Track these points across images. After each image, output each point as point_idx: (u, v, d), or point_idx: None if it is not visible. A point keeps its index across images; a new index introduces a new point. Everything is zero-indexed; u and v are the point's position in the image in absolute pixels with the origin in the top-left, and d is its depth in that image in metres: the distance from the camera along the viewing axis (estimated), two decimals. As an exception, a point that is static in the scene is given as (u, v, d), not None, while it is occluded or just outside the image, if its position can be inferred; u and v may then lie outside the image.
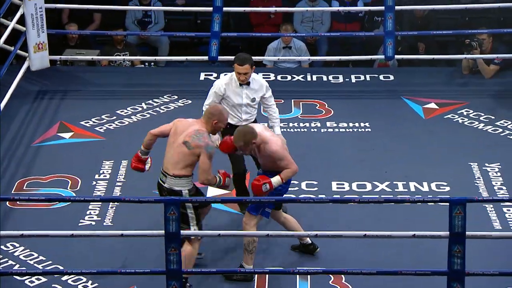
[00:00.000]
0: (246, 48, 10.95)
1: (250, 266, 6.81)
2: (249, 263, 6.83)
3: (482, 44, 9.86)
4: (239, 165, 7.50)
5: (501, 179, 8.18)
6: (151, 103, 9.62)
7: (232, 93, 7.33)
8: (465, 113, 9.39)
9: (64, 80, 10.06)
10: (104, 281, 6.81)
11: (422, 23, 11.04)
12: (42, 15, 9.72)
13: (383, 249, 7.01)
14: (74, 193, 7.96)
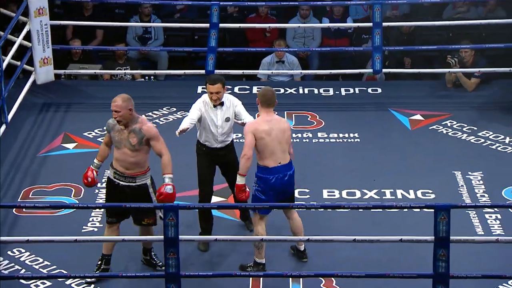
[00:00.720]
0: (241, 62, 10.96)
1: (262, 260, 6.88)
2: (259, 257, 6.89)
3: (463, 59, 9.94)
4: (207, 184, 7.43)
5: (483, 187, 8.20)
6: (151, 115, 9.62)
7: (207, 114, 7.15)
8: (449, 124, 9.41)
9: (68, 93, 10.06)
10: (106, 284, 6.82)
11: (408, 38, 11.07)
12: (47, 32, 9.74)
13: (372, 253, 7.02)
14: (78, 200, 7.99)
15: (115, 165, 6.65)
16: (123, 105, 6.51)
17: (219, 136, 7.23)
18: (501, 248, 7.03)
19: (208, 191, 7.40)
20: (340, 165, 8.63)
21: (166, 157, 6.63)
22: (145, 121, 6.67)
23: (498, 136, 9.13)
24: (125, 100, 6.55)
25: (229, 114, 7.21)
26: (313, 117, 9.61)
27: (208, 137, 7.22)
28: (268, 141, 6.79)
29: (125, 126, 6.56)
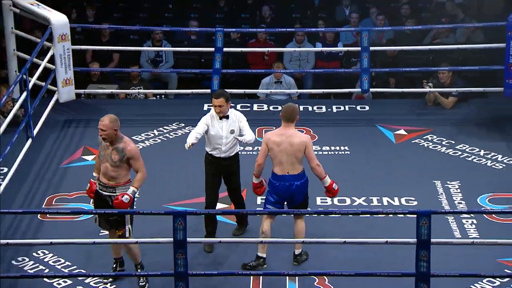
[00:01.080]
0: (243, 82, 10.97)
1: (263, 254, 6.89)
2: (261, 251, 6.91)
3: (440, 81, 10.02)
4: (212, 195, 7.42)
5: (461, 195, 8.20)
6: (162, 130, 9.63)
7: (213, 125, 7.18)
8: (430, 139, 9.41)
9: (88, 110, 10.06)
10: (121, 283, 6.81)
11: (393, 61, 11.09)
12: (69, 55, 9.75)
13: (361, 254, 7.01)
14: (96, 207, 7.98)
15: (100, 177, 6.65)
16: (109, 125, 6.48)
17: (223, 146, 7.22)
18: (476, 249, 7.01)
19: (213, 198, 7.38)
20: (332, 175, 8.55)
21: (141, 175, 6.62)
22: (129, 142, 6.63)
23: (473, 149, 9.13)
24: (112, 121, 6.51)
25: (234, 127, 7.21)
26: (307, 131, 9.56)
27: (214, 147, 7.23)
28: (277, 152, 6.86)
29: (110, 143, 6.53)
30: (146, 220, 7.26)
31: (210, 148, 7.27)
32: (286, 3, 13.57)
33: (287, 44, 11.58)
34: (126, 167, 6.57)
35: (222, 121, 7.18)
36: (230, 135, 7.20)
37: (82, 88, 10.43)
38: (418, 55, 11.18)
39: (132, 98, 10.92)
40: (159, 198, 8.06)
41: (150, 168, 8.51)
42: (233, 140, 7.23)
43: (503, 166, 8.80)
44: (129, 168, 6.62)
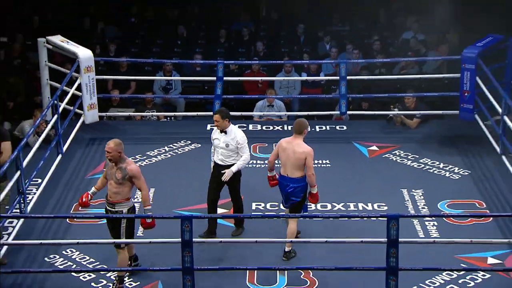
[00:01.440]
0: (240, 106, 10.97)
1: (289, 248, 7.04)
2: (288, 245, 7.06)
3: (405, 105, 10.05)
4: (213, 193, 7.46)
5: (424, 201, 8.19)
6: (172, 147, 9.60)
7: (215, 137, 7.32)
8: (398, 154, 9.39)
9: (109, 130, 10.01)
10: (137, 277, 6.80)
11: (366, 87, 11.11)
12: (93, 84, 9.75)
13: (340, 252, 6.98)
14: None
15: (107, 193, 6.64)
16: (114, 148, 6.45)
17: (220, 155, 7.31)
18: (437, 247, 7.01)
19: (213, 198, 7.43)
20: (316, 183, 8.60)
21: (144, 193, 6.59)
22: (131, 162, 6.59)
23: (434, 162, 9.12)
24: (117, 144, 6.48)
25: (230, 143, 7.26)
26: (295, 148, 9.58)
27: (216, 155, 7.34)
28: (282, 155, 7.06)
29: (115, 163, 6.50)
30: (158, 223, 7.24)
31: (213, 155, 7.42)
32: (276, 40, 13.66)
33: (277, 74, 11.62)
34: (129, 184, 6.53)
35: (222, 135, 7.28)
36: (225, 147, 7.27)
37: (104, 111, 10.41)
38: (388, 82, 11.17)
39: (146, 120, 10.89)
40: (170, 204, 8.04)
41: (161, 178, 8.60)
42: (227, 152, 7.28)
43: (459, 177, 8.79)
44: (131, 186, 6.58)
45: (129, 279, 6.76)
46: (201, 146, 9.60)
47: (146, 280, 6.73)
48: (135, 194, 8.18)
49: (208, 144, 7.86)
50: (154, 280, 6.72)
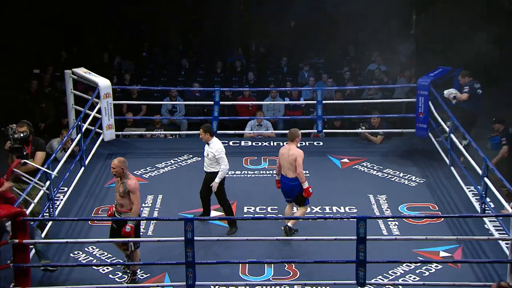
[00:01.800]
0: (233, 126, 10.96)
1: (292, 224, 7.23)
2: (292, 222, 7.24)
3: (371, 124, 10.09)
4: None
5: (387, 205, 8.19)
6: (176, 160, 9.58)
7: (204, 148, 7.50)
8: (365, 165, 9.41)
9: (124, 146, 10.01)
10: (147, 269, 6.77)
11: (339, 110, 11.14)
12: (111, 108, 9.75)
13: (318, 248, 6.98)
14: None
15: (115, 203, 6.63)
16: (118, 165, 6.44)
17: (204, 162, 7.53)
18: (398, 243, 7.00)
19: (203, 196, 7.66)
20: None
21: (135, 208, 6.48)
22: (132, 178, 6.54)
23: (395, 172, 9.14)
24: (120, 161, 6.47)
25: (210, 153, 7.45)
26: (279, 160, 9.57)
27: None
28: (281, 159, 7.37)
29: (120, 178, 6.49)
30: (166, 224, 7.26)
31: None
32: (264, 70, 13.71)
33: (265, 99, 11.63)
34: (130, 197, 6.48)
35: (206, 146, 7.49)
36: (206, 157, 7.48)
37: (120, 130, 10.39)
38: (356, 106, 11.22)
39: (155, 137, 10.88)
40: (175, 208, 8.02)
41: (168, 186, 8.59)
42: (209, 161, 7.47)
43: (416, 184, 8.81)
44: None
45: (140, 271, 6.74)
46: (201, 159, 9.38)
47: (155, 272, 6.72)
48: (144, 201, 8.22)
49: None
50: (162, 272, 6.70)
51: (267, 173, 9.21)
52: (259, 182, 8.89)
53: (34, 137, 7.45)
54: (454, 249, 7.13)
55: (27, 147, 7.31)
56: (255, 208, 8.13)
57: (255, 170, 9.30)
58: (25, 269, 6.29)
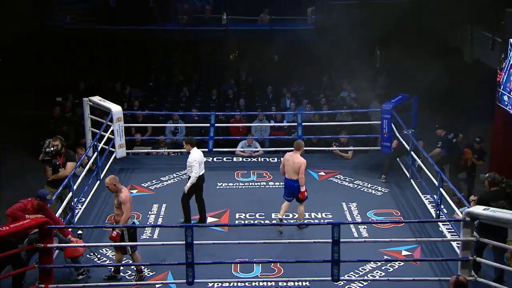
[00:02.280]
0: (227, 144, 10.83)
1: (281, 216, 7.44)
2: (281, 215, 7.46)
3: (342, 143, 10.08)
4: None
5: (357, 211, 8.19)
6: (178, 174, 9.49)
7: None
8: (338, 177, 9.39)
9: (133, 163, 9.95)
10: (153, 268, 6.73)
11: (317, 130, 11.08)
12: (122, 130, 9.72)
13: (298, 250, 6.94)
14: (138, 222, 7.79)
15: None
16: (109, 182, 6.55)
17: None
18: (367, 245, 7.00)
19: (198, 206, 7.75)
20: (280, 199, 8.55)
21: (124, 217, 6.51)
22: (125, 191, 6.59)
23: (364, 183, 9.13)
24: (111, 179, 6.58)
25: (187, 161, 7.60)
26: (266, 173, 9.55)
27: None
28: (286, 165, 7.54)
29: (115, 193, 6.56)
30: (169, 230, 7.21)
31: None
32: (252, 97, 13.73)
33: (253, 121, 11.61)
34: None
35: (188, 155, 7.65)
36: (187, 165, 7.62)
37: (130, 149, 10.32)
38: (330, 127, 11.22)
39: (160, 155, 10.84)
40: (177, 216, 7.91)
41: (171, 196, 8.49)
42: (187, 168, 7.60)
43: (381, 193, 8.81)
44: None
45: (147, 270, 6.68)
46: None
47: (160, 271, 6.68)
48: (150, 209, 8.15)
49: (205, 172, 7.85)
50: (165, 270, 6.65)
51: (255, 184, 9.17)
52: (249, 192, 8.86)
53: (66, 150, 7.85)
54: (414, 249, 7.14)
55: (60, 158, 7.75)
56: (246, 215, 8.09)
57: (245, 182, 9.28)
58: (48, 269, 6.23)
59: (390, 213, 8.12)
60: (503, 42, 9.09)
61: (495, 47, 9.23)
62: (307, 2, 13.42)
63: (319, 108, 12.23)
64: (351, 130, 10.77)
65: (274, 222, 7.59)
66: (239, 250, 6.89)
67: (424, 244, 7.20)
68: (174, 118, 11.48)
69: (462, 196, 7.60)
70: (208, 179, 7.99)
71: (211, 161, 10.04)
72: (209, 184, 8.93)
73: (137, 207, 8.18)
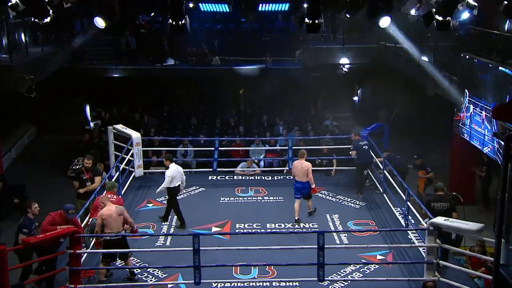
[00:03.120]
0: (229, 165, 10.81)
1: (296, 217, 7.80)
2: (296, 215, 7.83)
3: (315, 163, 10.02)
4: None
5: (339, 221, 8.18)
6: (188, 190, 9.40)
7: None
8: (323, 192, 9.34)
9: (150, 181, 9.90)
10: (164, 271, 6.70)
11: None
12: (140, 153, 9.76)
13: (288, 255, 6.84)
14: (153, 231, 7.84)
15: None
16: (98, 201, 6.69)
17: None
18: (347, 250, 7.01)
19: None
20: (274, 212, 8.60)
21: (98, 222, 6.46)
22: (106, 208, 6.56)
23: (345, 198, 9.12)
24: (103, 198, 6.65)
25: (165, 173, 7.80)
26: (262, 190, 9.52)
27: None
28: (294, 170, 7.92)
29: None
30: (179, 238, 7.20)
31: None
32: (250, 125, 13.78)
33: (251, 145, 11.62)
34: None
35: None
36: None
37: (147, 169, 10.35)
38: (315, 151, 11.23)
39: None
40: (187, 225, 7.93)
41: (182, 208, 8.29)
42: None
43: (359, 206, 8.81)
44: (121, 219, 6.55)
45: (160, 272, 6.66)
46: (205, 189, 9.53)
47: (171, 272, 6.66)
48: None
49: (210, 188, 7.88)
50: (176, 273, 6.63)
51: (253, 199, 9.17)
52: (247, 206, 8.86)
53: (94, 167, 7.98)
54: (386, 254, 7.15)
55: (87, 173, 7.92)
56: (245, 225, 8.08)
57: (244, 197, 9.30)
58: (77, 271, 6.23)
59: (367, 223, 8.12)
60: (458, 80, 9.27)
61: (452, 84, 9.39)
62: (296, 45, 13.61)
63: (307, 134, 12.28)
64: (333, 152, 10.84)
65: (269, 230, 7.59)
66: (239, 255, 6.87)
67: (395, 249, 7.22)
68: (184, 142, 11.52)
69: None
70: (212, 194, 8.03)
71: (215, 179, 10.04)
72: (213, 199, 9.01)
73: (152, 218, 8.22)
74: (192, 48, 13.93)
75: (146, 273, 6.70)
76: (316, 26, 6.75)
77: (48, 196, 9.39)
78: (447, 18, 6.51)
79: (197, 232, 7.27)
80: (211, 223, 7.90)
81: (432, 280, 6.12)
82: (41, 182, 10.63)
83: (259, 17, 13.75)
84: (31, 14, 6.37)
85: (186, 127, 13.59)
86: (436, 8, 6.57)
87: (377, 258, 7.03)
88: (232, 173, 10.57)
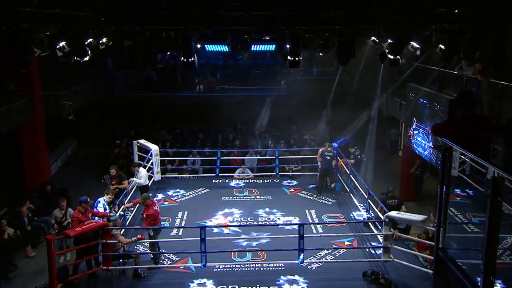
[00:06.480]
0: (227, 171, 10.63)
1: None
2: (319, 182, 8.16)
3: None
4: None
5: (315, 215, 8.14)
6: (195, 190, 9.39)
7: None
8: (303, 193, 9.32)
9: (166, 183, 9.85)
10: (177, 255, 6.63)
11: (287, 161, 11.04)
12: (158, 162, 9.65)
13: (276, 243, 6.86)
14: (169, 224, 7.78)
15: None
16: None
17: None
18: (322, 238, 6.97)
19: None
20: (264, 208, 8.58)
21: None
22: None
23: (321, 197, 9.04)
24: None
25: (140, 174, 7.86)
26: (255, 191, 9.47)
27: None
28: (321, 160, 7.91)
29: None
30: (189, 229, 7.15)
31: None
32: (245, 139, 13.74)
33: (246, 155, 11.59)
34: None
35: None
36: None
37: (163, 174, 10.24)
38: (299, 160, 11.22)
39: (184, 178, 10.73)
40: (195, 219, 7.90)
41: (191, 206, 8.33)
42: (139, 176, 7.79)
43: (331, 203, 8.79)
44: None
45: (174, 256, 6.58)
46: (210, 190, 9.48)
47: (183, 256, 6.61)
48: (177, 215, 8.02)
49: (213, 189, 7.83)
50: (186, 257, 6.59)
51: (247, 198, 9.13)
52: (243, 203, 8.81)
53: (118, 174, 7.92)
54: (352, 240, 7.15)
55: (115, 180, 7.88)
56: (241, 218, 8.04)
57: (241, 196, 9.26)
58: (108, 256, 6.17)
59: (337, 216, 8.11)
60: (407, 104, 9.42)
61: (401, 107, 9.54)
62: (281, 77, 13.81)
63: (290, 146, 12.31)
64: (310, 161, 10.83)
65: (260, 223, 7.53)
66: (236, 242, 6.87)
67: (359, 237, 7.22)
68: (193, 153, 11.44)
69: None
70: (215, 195, 7.97)
71: (217, 182, 9.99)
72: (215, 198, 8.95)
73: (168, 213, 8.16)
74: (199, 78, 14.01)
75: (163, 256, 6.63)
76: (297, 62, 6.86)
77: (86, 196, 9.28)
78: (397, 57, 6.66)
79: (203, 225, 7.25)
80: (214, 217, 7.87)
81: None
82: (80, 185, 10.55)
83: (252, 55, 13.86)
84: (74, 54, 6.42)
85: (194, 141, 13.56)
86: (388, 49, 6.74)
87: (345, 244, 7.03)
88: (231, 178, 10.52)
